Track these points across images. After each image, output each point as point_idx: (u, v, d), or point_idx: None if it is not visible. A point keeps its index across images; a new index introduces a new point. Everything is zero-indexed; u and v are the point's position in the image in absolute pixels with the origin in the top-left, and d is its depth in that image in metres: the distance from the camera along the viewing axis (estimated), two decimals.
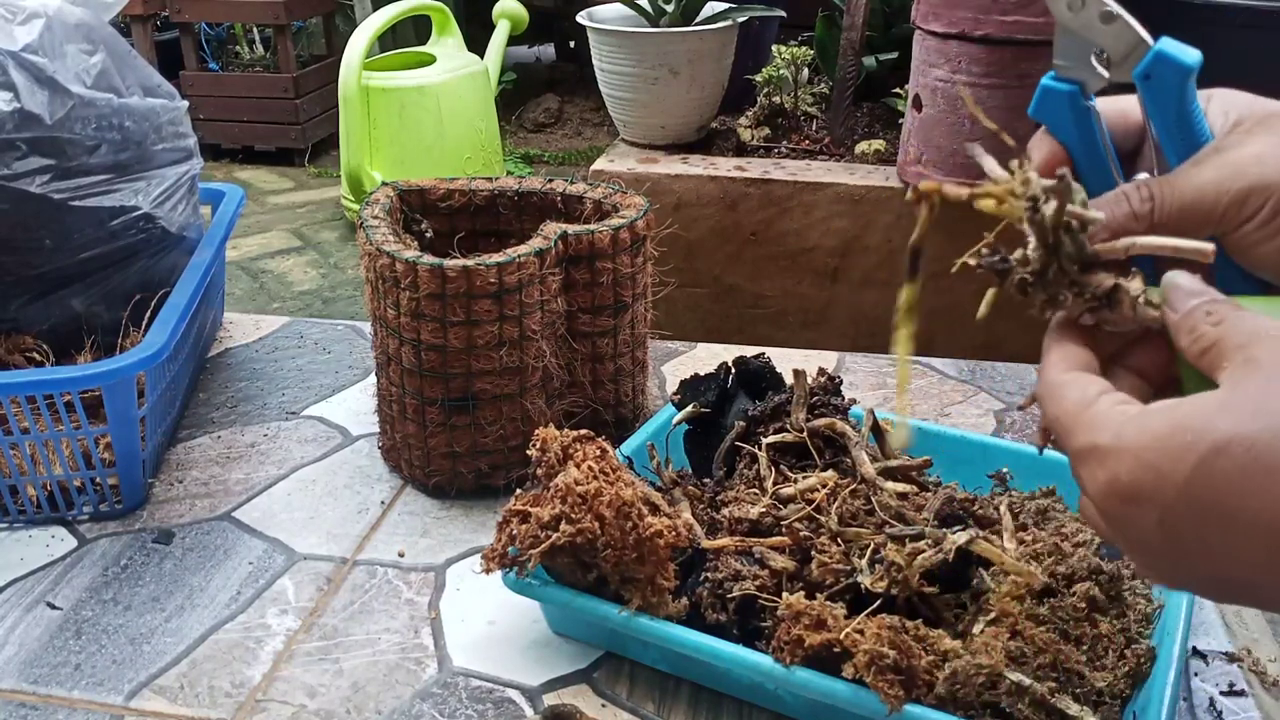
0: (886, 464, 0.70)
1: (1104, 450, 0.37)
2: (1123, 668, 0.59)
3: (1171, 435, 0.36)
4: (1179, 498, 0.35)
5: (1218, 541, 0.35)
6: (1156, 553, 0.37)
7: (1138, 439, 0.37)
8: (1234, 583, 0.37)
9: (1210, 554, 0.36)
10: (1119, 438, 0.37)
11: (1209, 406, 0.36)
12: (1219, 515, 0.35)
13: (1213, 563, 0.36)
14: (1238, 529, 0.34)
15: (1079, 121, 0.46)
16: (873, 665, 0.55)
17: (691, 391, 0.78)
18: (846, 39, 2.08)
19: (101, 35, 0.93)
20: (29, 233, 0.88)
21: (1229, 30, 1.82)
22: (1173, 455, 0.35)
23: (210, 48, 4.19)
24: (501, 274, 0.76)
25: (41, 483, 0.81)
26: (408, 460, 0.85)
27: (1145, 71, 0.43)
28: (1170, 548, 0.37)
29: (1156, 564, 0.38)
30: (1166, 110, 0.44)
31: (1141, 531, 0.37)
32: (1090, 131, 0.46)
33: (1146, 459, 0.36)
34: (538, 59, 4.85)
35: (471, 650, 0.69)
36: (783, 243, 2.00)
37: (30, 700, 0.66)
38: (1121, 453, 0.37)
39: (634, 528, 0.62)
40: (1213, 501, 0.35)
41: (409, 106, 2.93)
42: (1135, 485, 0.36)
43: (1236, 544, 0.35)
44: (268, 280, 3.03)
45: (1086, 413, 0.39)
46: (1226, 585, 0.37)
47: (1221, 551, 0.35)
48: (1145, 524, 0.36)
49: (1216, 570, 0.36)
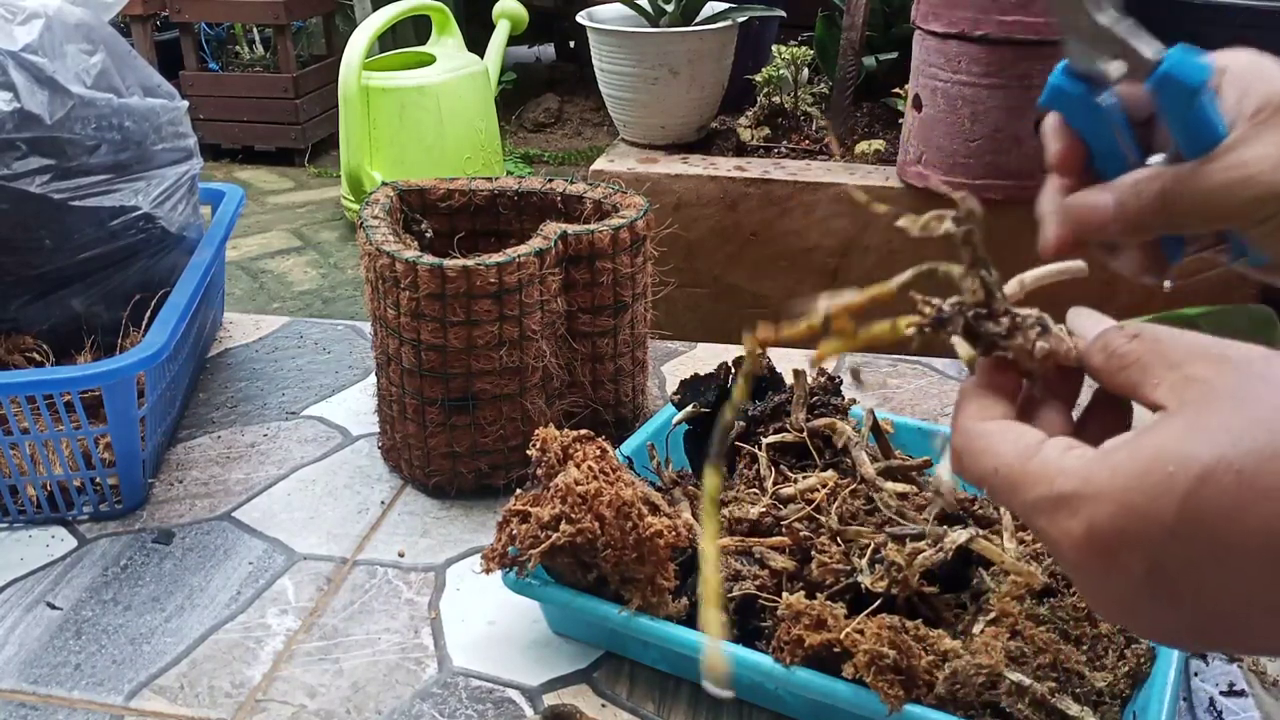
0: (887, 464, 0.70)
1: (1074, 498, 0.34)
2: (1123, 668, 0.59)
3: (1148, 472, 0.33)
4: (1169, 537, 0.32)
5: (1212, 577, 0.33)
6: (1139, 604, 0.34)
7: (1112, 481, 0.33)
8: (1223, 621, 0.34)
9: (1202, 593, 0.33)
10: (1088, 482, 0.34)
11: (1176, 435, 0.33)
12: (1212, 548, 0.32)
13: (1204, 603, 0.33)
14: (1232, 558, 0.32)
15: (1092, 115, 0.45)
16: (873, 665, 0.55)
17: (691, 391, 0.78)
18: (846, 39, 2.08)
19: (101, 35, 0.93)
20: (29, 233, 0.88)
21: (1229, 30, 1.82)
22: (1155, 493, 0.32)
23: (210, 48, 4.19)
24: (501, 274, 0.76)
25: (41, 483, 0.81)
26: (408, 460, 0.85)
27: (1155, 87, 0.43)
28: (1158, 594, 0.34)
29: (1140, 613, 0.35)
30: (1178, 118, 0.43)
31: (1126, 582, 0.34)
32: (1102, 125, 0.45)
33: (1127, 500, 0.33)
34: (538, 59, 4.85)
35: (471, 650, 0.69)
36: (783, 243, 2.00)
37: (30, 700, 0.66)
38: (1096, 498, 0.33)
39: (634, 528, 0.62)
40: (1205, 535, 0.32)
41: (409, 106, 2.94)
42: (1119, 532, 0.33)
43: (1232, 575, 0.32)
44: (268, 280, 3.03)
45: (1033, 462, 0.36)
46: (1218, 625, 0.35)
47: (1215, 587, 0.33)
48: (1131, 573, 0.33)
49: (1211, 608, 0.34)
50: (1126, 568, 0.33)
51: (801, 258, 2.00)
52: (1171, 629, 0.36)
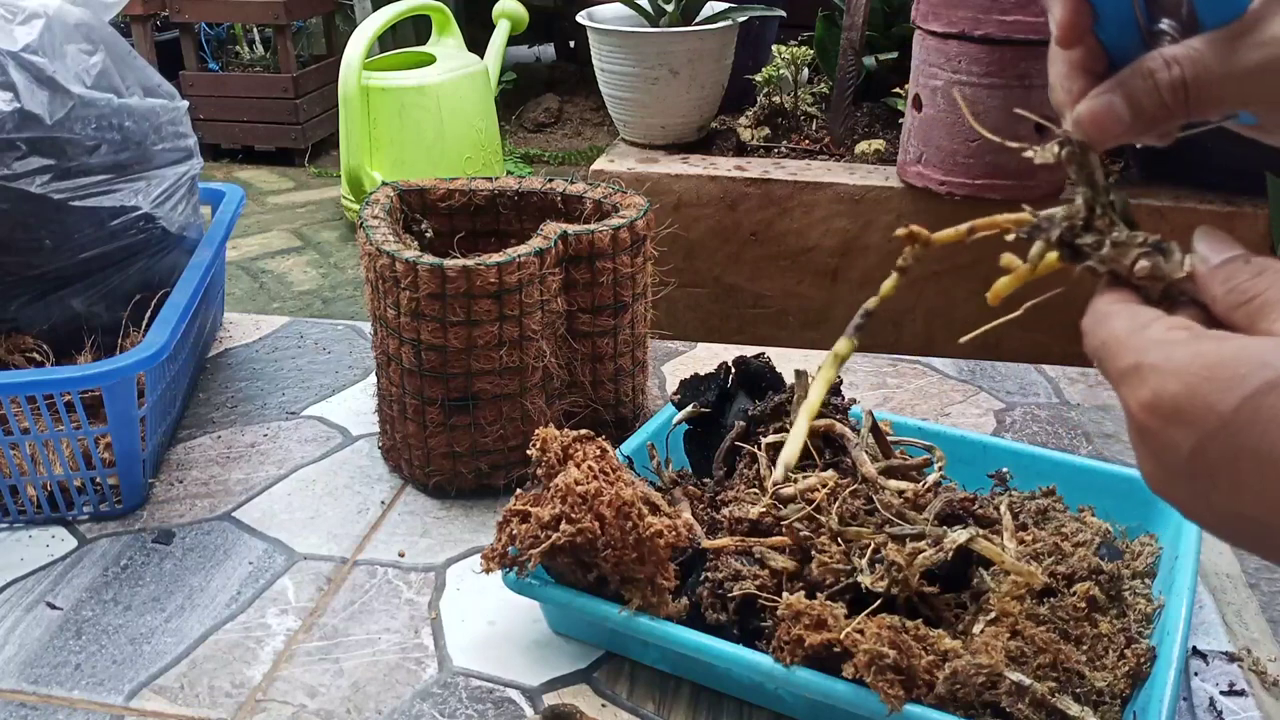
0: (887, 463, 0.70)
1: (1149, 368, 0.36)
2: (1123, 668, 0.59)
3: (1223, 364, 0.35)
4: (1220, 427, 0.34)
5: (1249, 477, 0.34)
6: (1182, 476, 0.36)
7: (1188, 363, 0.36)
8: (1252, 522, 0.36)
9: (1238, 488, 0.35)
10: (1169, 359, 0.36)
11: (1264, 345, 0.35)
12: (1257, 451, 0.34)
13: (1237, 497, 0.35)
14: (1273, 467, 0.34)
15: None
16: (873, 665, 0.55)
17: (691, 391, 0.78)
18: (846, 39, 2.08)
19: (101, 35, 0.93)
20: (29, 233, 0.88)
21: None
22: (1222, 384, 0.34)
23: (210, 48, 4.19)
24: (501, 274, 0.76)
25: (41, 483, 0.81)
26: (408, 460, 0.85)
27: None
28: (1198, 474, 0.36)
29: (1178, 488, 0.37)
30: None
31: (1173, 452, 0.36)
32: None
33: (1193, 383, 0.35)
34: (538, 59, 4.85)
35: (471, 650, 0.69)
36: (783, 243, 2.00)
37: (30, 700, 0.66)
38: (1168, 373, 0.36)
39: (634, 528, 0.62)
40: (1254, 436, 0.34)
41: (409, 106, 2.94)
42: (1177, 406, 0.35)
43: (1269, 481, 0.34)
44: (268, 280, 3.03)
45: (1137, 336, 0.38)
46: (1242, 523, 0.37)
47: (1251, 487, 0.35)
48: (1179, 446, 0.36)
49: (1239, 506, 0.36)
50: (1174, 442, 0.36)
51: (801, 258, 2.00)
52: (1202, 512, 0.38)
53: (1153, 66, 0.41)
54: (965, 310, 1.83)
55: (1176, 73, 0.41)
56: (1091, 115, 0.43)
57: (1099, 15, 0.42)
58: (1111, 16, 0.42)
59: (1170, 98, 0.41)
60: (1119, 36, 0.42)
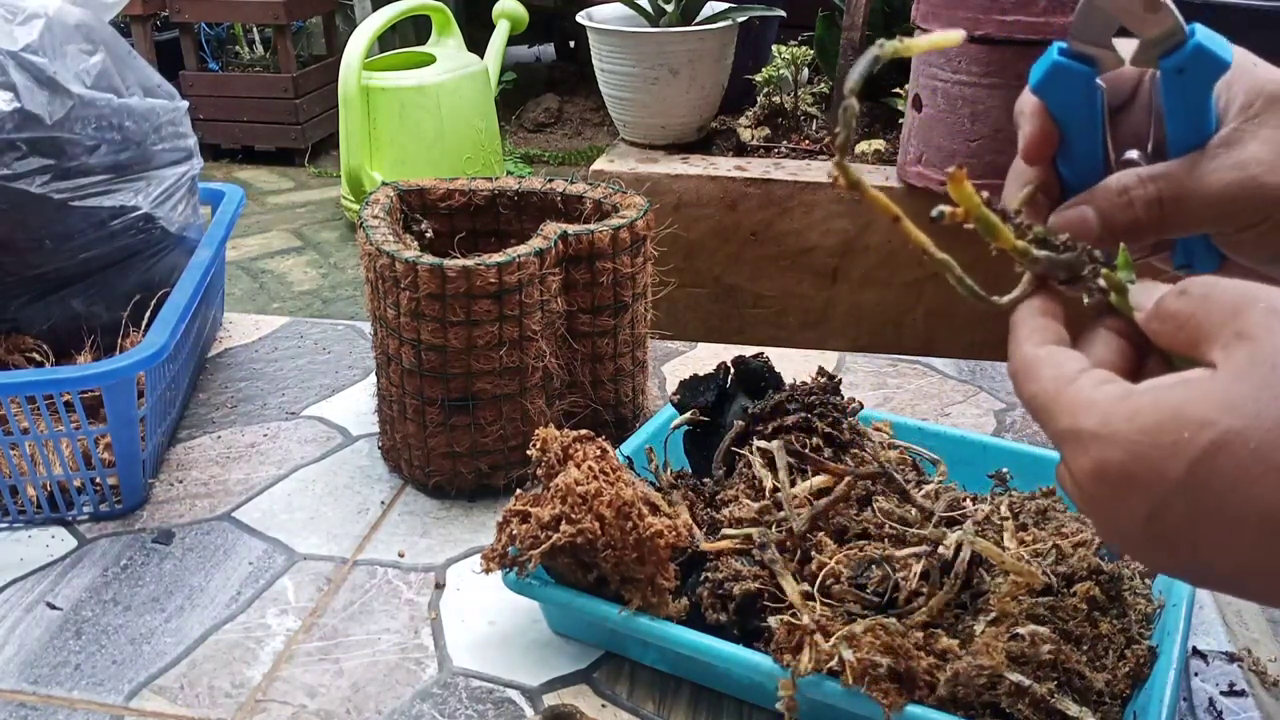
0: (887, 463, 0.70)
1: (1088, 435, 0.35)
2: (1123, 668, 0.59)
3: (1164, 428, 0.34)
4: (1174, 493, 0.33)
5: (1209, 537, 0.34)
6: (1140, 540, 0.36)
7: (1127, 429, 0.34)
8: (1220, 576, 0.35)
9: (1200, 549, 0.34)
10: (1106, 424, 0.35)
11: (1206, 396, 0.33)
12: (1213, 513, 0.33)
13: (1200, 557, 0.35)
14: (1232, 525, 0.33)
15: (1085, 101, 0.42)
16: (866, 675, 0.55)
17: (691, 392, 0.78)
18: (846, 39, 2.08)
19: (101, 35, 0.93)
20: (29, 233, 0.88)
21: (1231, 31, 1.82)
22: (1168, 449, 0.33)
23: (210, 48, 4.19)
24: (501, 274, 0.76)
25: (41, 483, 0.81)
26: (408, 460, 0.85)
27: (1180, 65, 0.40)
28: (1159, 538, 0.35)
29: (1139, 550, 0.37)
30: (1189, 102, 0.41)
31: (1128, 519, 0.35)
32: (1093, 111, 0.43)
33: (1138, 451, 0.34)
34: (538, 59, 4.85)
35: (471, 650, 0.69)
36: (783, 243, 2.00)
37: (30, 700, 0.66)
38: (1109, 440, 0.35)
39: (634, 528, 0.62)
40: (1209, 499, 0.33)
41: (409, 106, 2.94)
42: (1125, 474, 0.34)
43: (1230, 540, 0.33)
44: (268, 280, 3.03)
45: (1066, 392, 0.37)
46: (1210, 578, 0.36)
47: (1213, 547, 0.34)
48: (1134, 512, 0.35)
49: (1204, 564, 0.35)
50: (1130, 509, 0.35)
51: (801, 258, 2.00)
52: (1170, 570, 0.37)
53: (1127, 183, 0.42)
54: (966, 310, 1.83)
55: (1151, 190, 0.42)
56: (1064, 224, 0.44)
57: (1066, 139, 0.43)
58: (1079, 142, 0.43)
59: (1144, 213, 0.42)
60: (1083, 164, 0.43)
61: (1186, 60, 0.41)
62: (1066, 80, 0.42)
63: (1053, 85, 0.43)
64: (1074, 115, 0.43)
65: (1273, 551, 0.33)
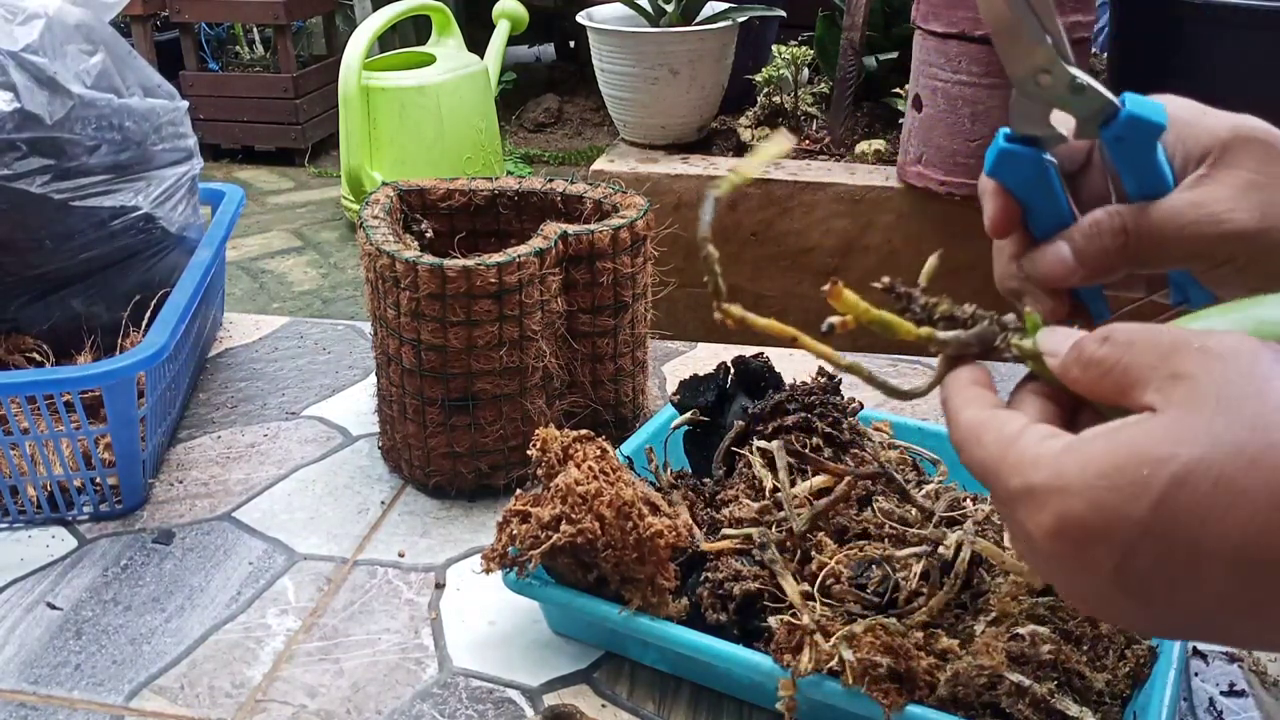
0: (887, 463, 0.70)
1: (1043, 489, 0.34)
2: (1123, 668, 0.59)
3: (1121, 470, 0.32)
4: (1140, 537, 0.32)
5: (1184, 577, 0.32)
6: (1109, 598, 0.34)
7: (1082, 475, 0.33)
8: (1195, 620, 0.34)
9: (1175, 592, 0.33)
10: (1059, 476, 0.34)
11: (1157, 433, 0.33)
12: (1185, 550, 0.32)
13: (1176, 601, 0.33)
14: (1205, 561, 0.32)
15: (1039, 178, 0.45)
16: (866, 675, 0.55)
17: (691, 392, 0.78)
18: (846, 39, 2.08)
19: (101, 35, 0.93)
20: (29, 233, 0.88)
21: (1233, 31, 1.82)
22: (1128, 492, 0.32)
23: (210, 48, 4.19)
24: (501, 274, 0.76)
25: (41, 483, 0.81)
26: (408, 460, 0.85)
27: (1117, 135, 0.43)
28: (1129, 588, 0.33)
29: (1109, 609, 0.35)
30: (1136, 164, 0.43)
31: (1095, 572, 0.34)
32: (1049, 185, 0.45)
33: (1097, 498, 0.33)
34: (538, 59, 4.85)
35: (471, 650, 0.69)
36: (783, 243, 2.00)
37: (30, 700, 0.66)
38: (1065, 492, 0.33)
39: (634, 528, 0.62)
40: (1179, 537, 0.32)
41: (409, 106, 2.94)
42: (1086, 526, 0.33)
43: (1205, 578, 0.32)
44: (268, 280, 3.03)
45: (1011, 451, 0.36)
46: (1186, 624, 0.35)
47: (1187, 588, 0.33)
48: (1100, 564, 0.33)
49: (1179, 609, 0.33)
50: (1096, 562, 0.33)
51: (801, 258, 2.00)
52: (1143, 623, 0.36)
53: (1097, 217, 0.44)
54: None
55: (1118, 221, 0.43)
56: (1039, 261, 0.45)
57: (1030, 210, 0.45)
58: (1043, 212, 0.45)
59: (1112, 242, 0.43)
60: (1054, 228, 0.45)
61: (1123, 130, 0.43)
62: (1016, 162, 0.45)
63: (1005, 168, 0.45)
64: (1032, 190, 0.45)
65: (1250, 584, 0.32)
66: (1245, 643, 0.36)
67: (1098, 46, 2.52)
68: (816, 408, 0.73)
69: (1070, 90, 0.43)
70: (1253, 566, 0.31)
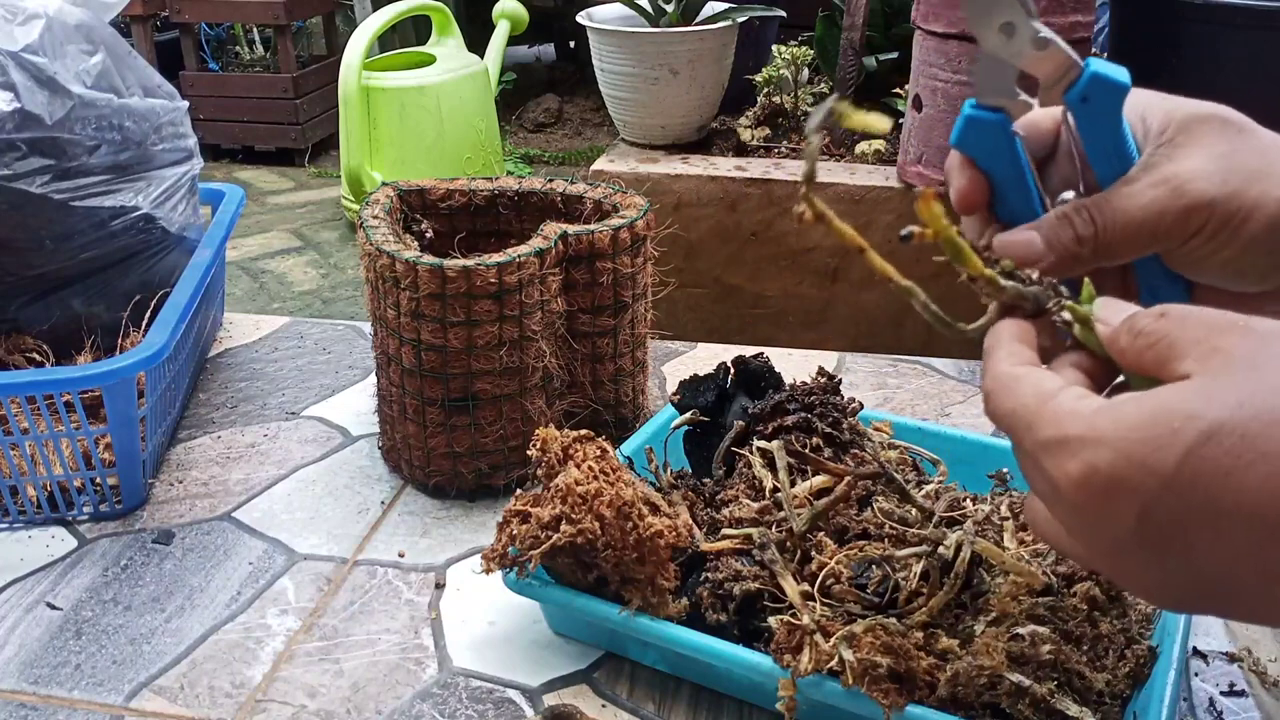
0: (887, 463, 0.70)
1: (1076, 440, 0.35)
2: (1123, 668, 0.59)
3: (1152, 423, 0.34)
4: (1164, 488, 0.33)
5: (1201, 533, 0.33)
6: (1128, 548, 0.35)
7: (1115, 429, 0.35)
8: (1210, 582, 0.35)
9: (1192, 549, 0.34)
10: (1093, 428, 0.35)
11: (1189, 394, 0.34)
12: (1206, 505, 0.33)
13: (1193, 559, 0.34)
14: (1225, 517, 0.33)
15: (1005, 148, 0.45)
16: (866, 675, 0.55)
17: (691, 393, 0.78)
18: (846, 39, 2.08)
19: (101, 35, 0.93)
20: (29, 233, 0.88)
21: (1233, 31, 1.82)
22: (1157, 444, 0.33)
23: (210, 48, 4.20)
24: (501, 274, 0.76)
25: (41, 483, 0.81)
26: (408, 460, 0.85)
27: (1082, 94, 0.43)
28: (1148, 542, 0.35)
29: (1125, 561, 0.36)
30: (1101, 130, 0.44)
31: (1117, 527, 0.35)
32: (1015, 157, 0.45)
33: (1127, 449, 0.34)
34: (538, 59, 4.85)
35: (471, 650, 0.69)
36: (783, 243, 2.00)
37: (30, 700, 0.66)
38: (1098, 443, 0.35)
39: (634, 528, 0.62)
40: (1201, 491, 0.33)
41: (409, 106, 2.94)
42: (1115, 476, 0.34)
43: (1221, 535, 0.33)
44: (268, 280, 3.03)
45: (1048, 406, 0.37)
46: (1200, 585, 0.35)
47: (1205, 544, 0.34)
48: (1123, 518, 0.34)
49: (1196, 567, 0.34)
50: (1119, 513, 0.35)
51: (801, 258, 2.00)
52: (1158, 582, 0.37)
53: (1065, 209, 0.45)
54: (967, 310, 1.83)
55: (1085, 215, 0.44)
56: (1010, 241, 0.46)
57: (998, 189, 0.46)
58: (1011, 190, 0.46)
59: (1083, 230, 0.44)
60: (1021, 211, 0.46)
61: (1087, 88, 0.43)
62: (982, 131, 0.45)
63: (971, 138, 0.45)
64: (999, 163, 0.45)
65: (1264, 544, 0.33)
66: (1252, 612, 0.37)
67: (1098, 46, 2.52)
68: (816, 408, 0.73)
69: (1034, 45, 0.43)
70: (1268, 526, 0.32)
